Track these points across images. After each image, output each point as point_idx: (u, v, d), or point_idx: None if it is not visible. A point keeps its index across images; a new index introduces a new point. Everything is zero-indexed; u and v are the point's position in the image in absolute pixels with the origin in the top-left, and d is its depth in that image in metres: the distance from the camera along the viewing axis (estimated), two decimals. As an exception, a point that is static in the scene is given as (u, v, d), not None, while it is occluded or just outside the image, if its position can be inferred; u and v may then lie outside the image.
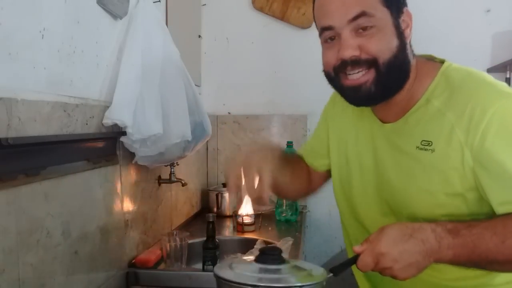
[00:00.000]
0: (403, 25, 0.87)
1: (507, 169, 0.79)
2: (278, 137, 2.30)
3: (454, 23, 2.18)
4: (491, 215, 0.83)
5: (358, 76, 0.86)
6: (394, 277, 0.77)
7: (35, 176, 0.90)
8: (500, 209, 0.81)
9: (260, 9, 2.28)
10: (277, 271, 0.76)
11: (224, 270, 0.77)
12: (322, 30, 0.89)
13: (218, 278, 0.75)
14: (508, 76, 2.13)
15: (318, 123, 1.19)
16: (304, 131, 2.29)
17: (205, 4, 2.32)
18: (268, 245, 0.83)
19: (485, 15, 2.17)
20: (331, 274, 0.78)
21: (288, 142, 2.13)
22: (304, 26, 2.26)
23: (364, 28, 0.84)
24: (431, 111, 0.88)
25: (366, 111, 1.00)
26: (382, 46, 0.84)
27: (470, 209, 0.86)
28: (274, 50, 2.32)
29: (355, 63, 0.85)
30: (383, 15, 0.84)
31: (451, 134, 0.84)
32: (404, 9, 0.88)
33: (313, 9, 0.92)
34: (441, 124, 0.86)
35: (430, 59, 0.96)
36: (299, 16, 2.25)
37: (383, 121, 0.96)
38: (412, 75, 0.90)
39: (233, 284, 0.73)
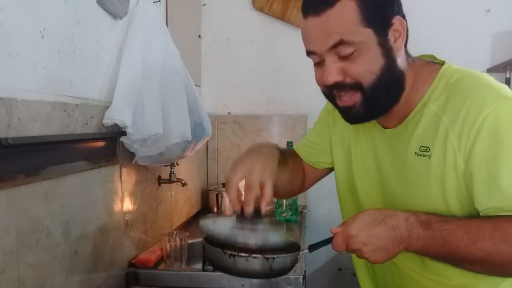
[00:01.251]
0: (393, 37, 0.83)
1: (494, 177, 0.78)
2: (278, 137, 2.30)
3: (454, 23, 2.18)
4: None
5: (346, 99, 0.86)
6: (366, 259, 0.80)
7: (35, 176, 0.90)
8: (485, 214, 0.80)
9: (260, 9, 2.28)
10: (254, 230, 0.81)
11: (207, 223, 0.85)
12: (308, 53, 0.89)
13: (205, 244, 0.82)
14: (508, 76, 2.13)
15: (318, 121, 1.17)
16: (304, 131, 2.29)
17: (205, 4, 2.32)
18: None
19: (485, 15, 2.17)
20: (306, 250, 0.84)
21: (288, 142, 2.13)
22: (304, 26, 2.25)
23: (345, 52, 0.82)
24: (428, 115, 0.87)
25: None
26: (366, 70, 0.82)
27: (472, 212, 0.84)
28: (274, 50, 2.32)
29: (340, 87, 0.85)
30: (364, 37, 0.81)
31: (445, 139, 0.83)
32: (394, 19, 0.83)
33: (302, 34, 0.92)
34: (437, 129, 0.84)
35: (431, 60, 0.94)
36: (299, 16, 2.24)
37: (384, 127, 0.96)
38: (409, 81, 0.88)
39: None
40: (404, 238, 0.78)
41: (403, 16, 0.86)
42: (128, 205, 1.35)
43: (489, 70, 2.15)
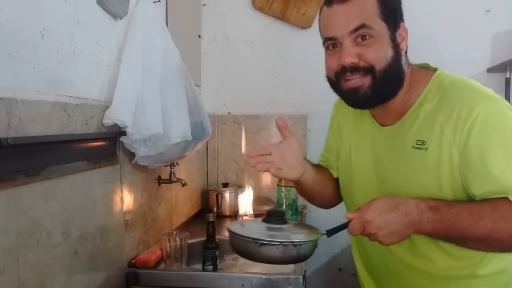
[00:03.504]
0: (399, 39, 0.96)
1: (487, 166, 0.88)
2: (278, 137, 2.29)
3: (454, 23, 2.18)
4: None
5: (356, 80, 0.95)
6: (379, 242, 0.89)
7: (35, 176, 0.90)
8: (481, 198, 0.90)
9: (260, 9, 2.28)
10: (280, 229, 0.92)
11: (236, 227, 0.94)
12: (326, 40, 0.99)
13: (230, 232, 0.92)
14: (508, 76, 2.12)
15: (327, 134, 1.28)
16: (304, 131, 2.29)
17: (205, 4, 2.32)
18: (273, 210, 1.00)
19: (485, 15, 2.17)
20: (325, 235, 0.92)
21: (288, 142, 2.13)
22: (304, 26, 2.26)
23: (363, 38, 0.93)
24: (424, 113, 0.97)
25: (367, 116, 1.10)
26: (379, 55, 0.94)
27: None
28: (274, 50, 2.32)
29: (354, 69, 0.94)
30: (380, 28, 0.94)
31: (441, 133, 0.93)
32: (401, 24, 0.97)
33: (319, 20, 1.02)
34: (432, 125, 0.95)
35: (425, 67, 1.05)
36: (299, 16, 2.25)
37: (382, 125, 1.05)
38: (406, 83, 1.00)
39: (242, 238, 0.89)
40: (415, 222, 0.87)
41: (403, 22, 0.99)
42: (128, 205, 1.35)
43: (489, 70, 2.14)
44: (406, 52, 1.00)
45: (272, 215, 0.95)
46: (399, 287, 1.08)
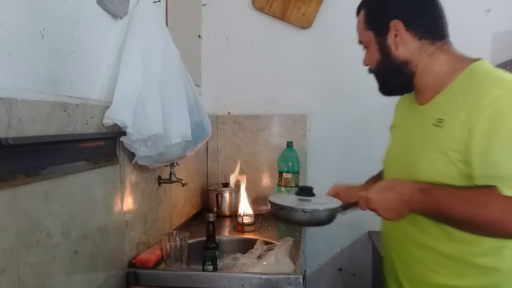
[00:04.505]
0: (393, 36, 1.12)
1: (489, 149, 0.95)
2: (278, 137, 2.30)
3: (454, 23, 2.16)
4: None
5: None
6: (382, 217, 1.06)
7: (35, 176, 0.90)
8: (478, 182, 0.97)
9: (260, 9, 2.28)
10: (308, 200, 1.19)
11: (276, 198, 1.22)
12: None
13: (271, 203, 1.19)
14: (508, 76, 2.13)
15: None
16: (304, 131, 2.29)
17: (205, 4, 2.32)
18: (304, 186, 1.26)
19: (485, 15, 2.17)
20: (341, 206, 1.17)
21: (288, 142, 2.13)
22: (304, 26, 2.26)
23: (365, 47, 1.20)
24: (451, 96, 1.06)
25: (412, 97, 1.22)
26: (370, 59, 1.19)
27: (464, 181, 1.00)
28: (274, 50, 2.32)
29: (369, 69, 1.22)
30: (367, 36, 1.17)
31: (458, 114, 1.01)
32: (391, 24, 1.12)
33: None
34: (453, 106, 1.04)
35: (472, 58, 1.11)
36: (299, 16, 2.25)
37: (419, 103, 1.17)
38: (440, 68, 1.11)
39: (282, 206, 1.16)
40: (408, 202, 1.02)
41: (406, 18, 1.12)
42: (128, 205, 1.35)
43: (489, 70, 2.14)
44: (429, 39, 1.14)
45: (302, 190, 1.23)
46: (400, 258, 1.18)
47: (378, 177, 1.36)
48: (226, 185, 2.20)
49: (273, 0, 2.26)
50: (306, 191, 1.22)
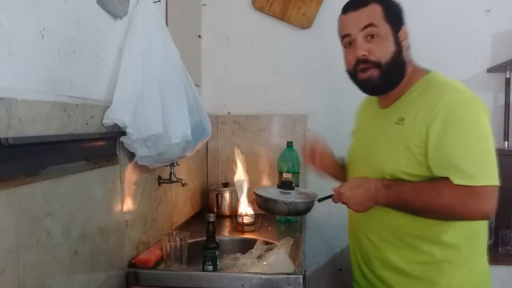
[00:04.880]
0: (400, 38, 1.22)
1: (443, 144, 1.11)
2: (278, 137, 2.30)
3: (454, 23, 2.18)
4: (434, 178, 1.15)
5: (368, 72, 1.22)
6: (352, 209, 1.22)
7: (35, 176, 0.90)
8: (434, 171, 1.13)
9: (260, 9, 2.28)
10: (288, 193, 1.40)
11: (261, 191, 1.42)
12: (343, 37, 1.26)
13: (257, 195, 1.41)
14: (508, 76, 2.13)
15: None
16: (304, 131, 2.29)
17: (205, 4, 2.33)
18: (286, 179, 1.50)
19: (485, 15, 2.17)
20: (317, 199, 1.34)
21: (288, 142, 2.13)
22: (304, 26, 2.26)
23: (372, 36, 1.20)
24: (410, 99, 1.22)
25: (375, 102, 1.36)
26: (384, 52, 1.21)
27: (423, 171, 1.16)
28: (274, 50, 2.32)
29: (365, 61, 1.21)
30: (385, 28, 1.20)
31: (417, 113, 1.17)
32: (402, 27, 1.23)
33: (338, 27, 1.28)
34: (412, 107, 1.19)
35: (426, 69, 1.27)
36: (299, 16, 2.25)
37: (382, 107, 1.32)
38: (407, 74, 1.25)
39: (265, 198, 1.38)
40: (373, 196, 1.18)
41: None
42: (128, 205, 1.35)
43: (489, 70, 2.14)
44: (408, 49, 1.25)
45: (284, 183, 1.45)
46: (372, 242, 1.29)
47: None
48: (226, 185, 2.20)
49: (273, 0, 2.26)
50: (287, 185, 1.43)
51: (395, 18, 1.23)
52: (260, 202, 1.39)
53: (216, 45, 2.34)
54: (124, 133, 1.23)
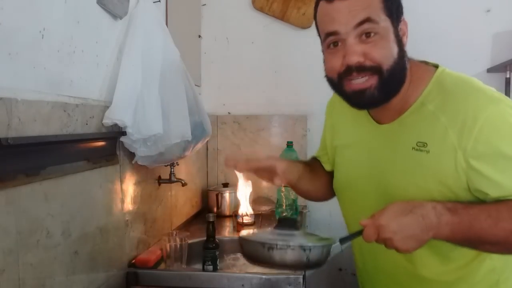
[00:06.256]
0: (400, 33, 0.92)
1: (499, 173, 0.86)
2: (278, 137, 2.30)
3: (454, 23, 2.18)
4: None
5: (363, 81, 0.90)
6: (396, 248, 0.83)
7: (35, 176, 0.90)
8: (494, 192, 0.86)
9: (260, 9, 2.28)
10: (292, 235, 0.89)
11: (252, 237, 0.92)
12: (327, 35, 0.92)
13: (247, 243, 0.89)
14: (508, 76, 2.12)
15: (323, 132, 1.24)
16: (304, 131, 2.29)
17: (205, 4, 2.32)
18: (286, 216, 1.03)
19: (485, 15, 2.17)
20: (338, 243, 0.88)
21: (288, 142, 2.12)
22: (304, 26, 2.26)
23: (368, 35, 0.88)
24: (425, 114, 0.93)
25: (363, 113, 1.04)
26: (386, 53, 0.89)
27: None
28: (274, 50, 2.32)
29: (360, 69, 0.89)
30: (385, 23, 0.89)
31: (445, 136, 0.89)
32: (402, 18, 0.93)
33: (315, 17, 0.96)
34: (435, 127, 0.90)
35: (424, 62, 1.00)
36: (299, 16, 2.25)
37: (379, 122, 1.01)
38: (407, 79, 0.95)
39: (253, 242, 0.88)
40: (434, 226, 0.83)
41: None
42: (128, 205, 1.35)
43: (489, 70, 2.14)
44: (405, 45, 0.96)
45: (283, 221, 0.95)
46: None
47: (312, 168, 1.20)
48: (226, 185, 2.20)
49: (273, 0, 2.26)
50: (289, 223, 0.95)
51: (395, 6, 0.92)
52: (253, 253, 0.88)
53: (216, 45, 2.34)
54: (124, 133, 1.23)
